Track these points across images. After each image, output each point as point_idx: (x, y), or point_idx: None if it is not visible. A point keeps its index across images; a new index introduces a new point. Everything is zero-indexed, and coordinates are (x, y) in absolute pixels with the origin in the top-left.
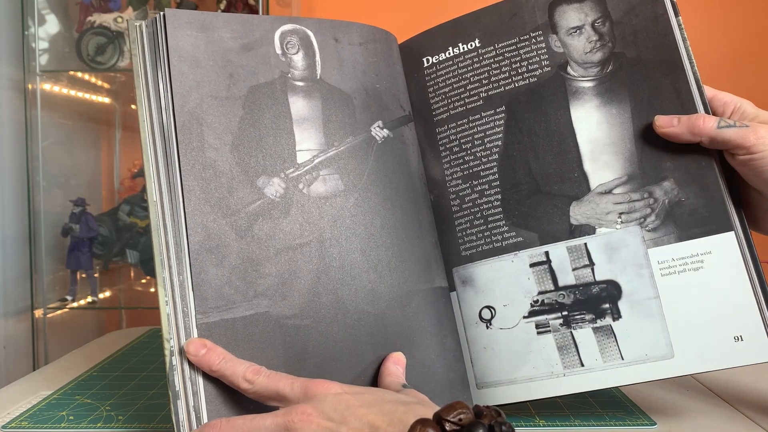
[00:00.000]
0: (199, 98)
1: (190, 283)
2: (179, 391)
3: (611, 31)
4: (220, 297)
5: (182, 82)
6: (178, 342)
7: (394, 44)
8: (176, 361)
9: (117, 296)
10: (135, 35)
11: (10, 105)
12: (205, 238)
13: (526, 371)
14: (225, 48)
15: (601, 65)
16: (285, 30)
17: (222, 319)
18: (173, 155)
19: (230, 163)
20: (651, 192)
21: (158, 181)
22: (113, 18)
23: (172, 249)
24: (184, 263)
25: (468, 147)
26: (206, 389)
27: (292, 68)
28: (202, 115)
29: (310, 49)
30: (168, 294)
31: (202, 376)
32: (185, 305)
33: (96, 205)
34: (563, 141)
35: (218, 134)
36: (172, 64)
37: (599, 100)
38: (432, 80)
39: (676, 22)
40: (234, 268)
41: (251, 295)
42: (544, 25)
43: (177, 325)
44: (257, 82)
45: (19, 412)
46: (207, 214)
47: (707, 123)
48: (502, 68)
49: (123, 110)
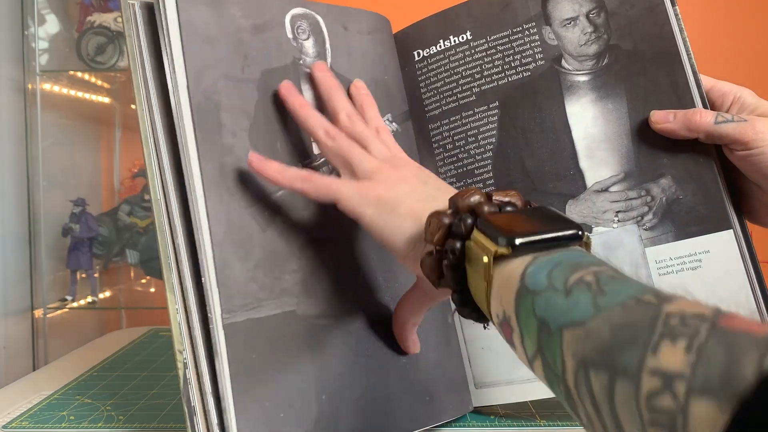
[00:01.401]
0: (214, 78)
1: (213, 281)
2: (195, 407)
3: (606, 23)
4: (247, 294)
5: (195, 60)
6: (193, 353)
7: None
8: (191, 375)
9: (117, 296)
10: (129, 14)
11: (9, 105)
12: (228, 230)
13: (524, 372)
14: (237, 26)
15: (596, 58)
16: (295, 14)
17: (249, 318)
18: (185, 140)
19: (248, 149)
20: (648, 190)
21: (161, 177)
22: (113, 18)
23: (182, 248)
24: (205, 260)
25: (461, 144)
26: (236, 399)
27: (303, 54)
28: (218, 97)
29: (320, 36)
30: (178, 300)
31: (230, 381)
32: (207, 307)
33: (96, 205)
34: (558, 137)
35: (235, 118)
36: (184, 40)
37: (595, 95)
38: (423, 75)
39: (672, 12)
40: (258, 263)
41: (277, 292)
42: (538, 16)
43: (191, 333)
44: (270, 66)
45: (19, 412)
46: (229, 204)
47: (704, 118)
48: (494, 62)
49: (123, 110)
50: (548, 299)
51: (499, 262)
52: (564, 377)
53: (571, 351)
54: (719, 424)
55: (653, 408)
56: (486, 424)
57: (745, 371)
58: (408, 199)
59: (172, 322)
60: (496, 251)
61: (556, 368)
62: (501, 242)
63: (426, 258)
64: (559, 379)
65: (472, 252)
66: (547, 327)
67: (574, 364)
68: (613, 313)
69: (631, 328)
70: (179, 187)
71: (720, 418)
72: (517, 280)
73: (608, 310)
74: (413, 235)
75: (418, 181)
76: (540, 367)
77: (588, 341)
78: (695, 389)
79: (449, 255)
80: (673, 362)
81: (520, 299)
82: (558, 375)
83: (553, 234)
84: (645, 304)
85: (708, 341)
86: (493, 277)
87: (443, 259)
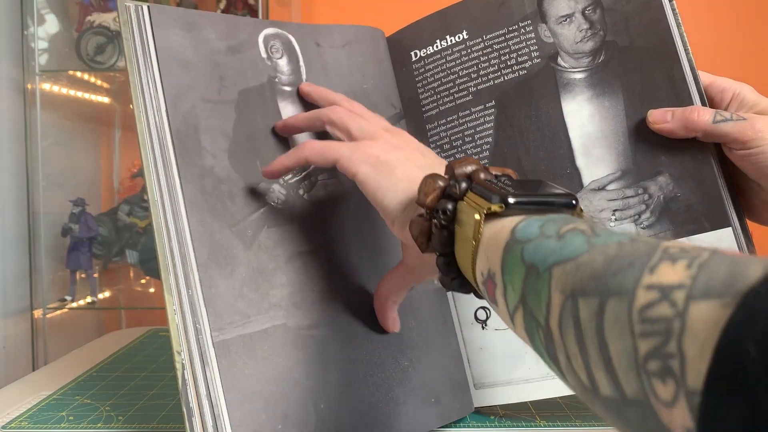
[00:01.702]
0: (192, 101)
1: (201, 298)
2: (193, 408)
3: (602, 19)
4: (235, 311)
5: (173, 84)
6: (190, 355)
7: (382, 40)
8: (189, 376)
9: (116, 296)
10: (126, 17)
11: (9, 105)
12: (212, 251)
13: (522, 372)
14: (212, 49)
15: (592, 55)
16: (268, 34)
17: (239, 335)
18: (170, 161)
19: (229, 169)
20: (645, 187)
21: (158, 179)
22: (113, 18)
23: (176, 254)
24: (192, 277)
25: (458, 144)
26: (231, 413)
27: (279, 73)
28: (197, 120)
29: (293, 54)
30: (176, 302)
31: (224, 398)
32: (197, 321)
33: (95, 205)
34: (555, 136)
35: (214, 140)
36: (162, 64)
37: (591, 92)
38: (420, 75)
39: (669, 7)
40: (245, 280)
41: (266, 307)
42: (533, 14)
43: (188, 337)
44: (247, 86)
45: (19, 412)
46: (211, 225)
47: (702, 117)
48: (490, 61)
49: (122, 110)
50: (538, 244)
51: (490, 220)
52: (547, 320)
53: (560, 286)
54: (722, 319)
55: (647, 318)
56: (486, 424)
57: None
58: (406, 164)
59: (170, 323)
60: (489, 208)
61: (539, 313)
62: (494, 200)
63: (416, 219)
64: (539, 326)
65: (464, 212)
66: (536, 269)
67: (561, 299)
68: (608, 247)
69: (627, 257)
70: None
71: (723, 313)
72: (506, 235)
73: (603, 245)
74: (406, 198)
75: (417, 151)
76: (521, 318)
77: (579, 272)
78: (696, 295)
79: (440, 215)
80: (672, 276)
81: (508, 251)
82: (539, 321)
83: (546, 197)
84: (642, 241)
85: (711, 259)
86: (482, 234)
87: (433, 220)
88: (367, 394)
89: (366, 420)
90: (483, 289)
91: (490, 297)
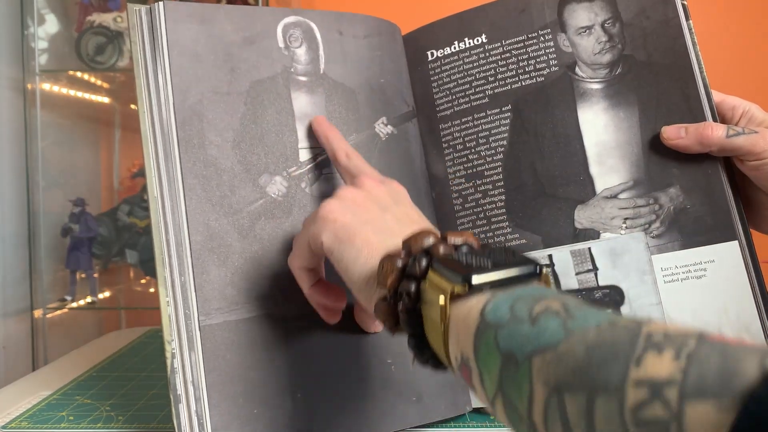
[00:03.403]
0: (200, 94)
1: (192, 284)
2: (181, 395)
3: (621, 33)
4: (223, 298)
5: (182, 77)
6: (180, 344)
7: (398, 36)
8: (177, 364)
9: (116, 296)
10: (134, 20)
11: (9, 105)
12: (207, 238)
13: None
14: (226, 41)
15: (609, 67)
16: (288, 22)
17: (225, 320)
18: (174, 152)
19: (232, 160)
20: (656, 198)
21: (159, 177)
22: (113, 18)
23: (173, 248)
24: (185, 263)
25: (472, 145)
26: (210, 394)
27: (295, 62)
28: (203, 111)
29: (313, 43)
30: (170, 294)
31: (205, 379)
32: (187, 306)
33: (95, 205)
34: (570, 143)
35: (219, 131)
36: (172, 58)
37: (607, 103)
38: (436, 75)
39: (686, 26)
40: (237, 269)
41: (254, 296)
42: (553, 23)
43: (179, 326)
44: (259, 77)
45: (19, 412)
46: (208, 213)
47: (716, 132)
48: (509, 66)
49: (122, 110)
50: (512, 330)
51: (456, 301)
52: (530, 414)
53: (542, 378)
54: (724, 424)
55: (641, 420)
56: (486, 424)
57: (747, 370)
58: (365, 229)
59: (163, 314)
60: (452, 290)
61: (521, 405)
62: (456, 280)
63: (380, 303)
64: (522, 419)
65: (428, 294)
66: (514, 358)
67: (545, 392)
68: (587, 334)
69: (609, 345)
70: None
71: (723, 418)
72: (476, 318)
73: (581, 331)
74: (367, 271)
75: (379, 207)
76: (501, 406)
77: (561, 364)
78: (689, 393)
79: (404, 297)
80: (660, 370)
81: (480, 336)
82: (521, 414)
83: (510, 271)
84: (621, 326)
85: (699, 349)
86: (449, 318)
87: (398, 302)
88: (344, 388)
89: (342, 412)
90: (458, 374)
91: (467, 382)
